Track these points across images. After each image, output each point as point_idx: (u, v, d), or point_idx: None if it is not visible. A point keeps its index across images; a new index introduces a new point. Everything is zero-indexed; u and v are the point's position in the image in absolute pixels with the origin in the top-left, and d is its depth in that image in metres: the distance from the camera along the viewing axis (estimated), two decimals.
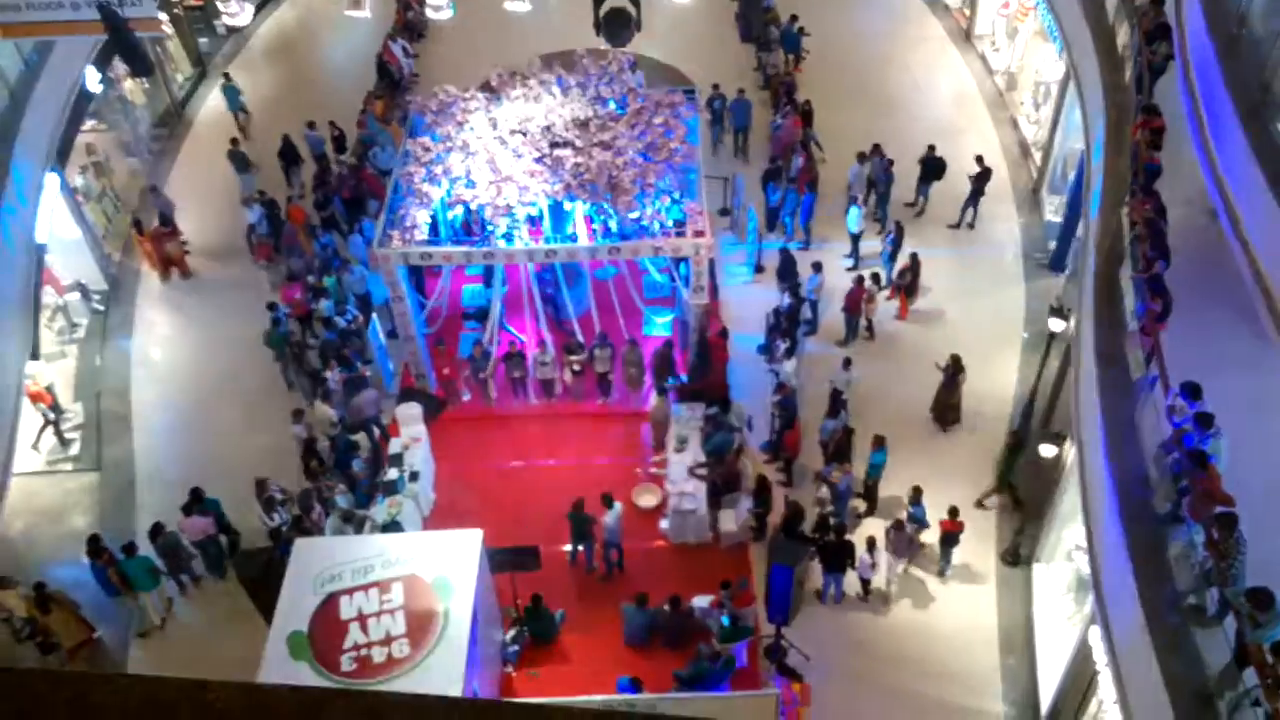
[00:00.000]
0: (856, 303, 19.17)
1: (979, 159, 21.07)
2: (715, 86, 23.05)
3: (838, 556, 15.53)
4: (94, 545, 15.76)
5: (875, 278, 19.48)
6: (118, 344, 20.57)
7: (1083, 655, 12.66)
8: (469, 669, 12.30)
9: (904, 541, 15.63)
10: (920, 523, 15.82)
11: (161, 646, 15.90)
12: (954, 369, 17.54)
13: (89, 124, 22.51)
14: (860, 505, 16.90)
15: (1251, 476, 10.37)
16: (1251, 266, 9.48)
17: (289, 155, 23.13)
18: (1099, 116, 16.47)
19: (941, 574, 16.30)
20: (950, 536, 15.92)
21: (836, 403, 17.46)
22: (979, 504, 16.81)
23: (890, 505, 16.63)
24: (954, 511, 15.79)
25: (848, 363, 17.84)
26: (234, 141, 23.36)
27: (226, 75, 25.36)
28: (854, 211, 20.56)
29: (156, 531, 15.97)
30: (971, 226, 21.72)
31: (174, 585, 16.47)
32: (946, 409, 17.95)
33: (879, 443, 16.50)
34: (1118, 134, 15.37)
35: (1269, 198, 9.10)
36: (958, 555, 16.23)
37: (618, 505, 15.86)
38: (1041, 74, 23.25)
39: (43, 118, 18.40)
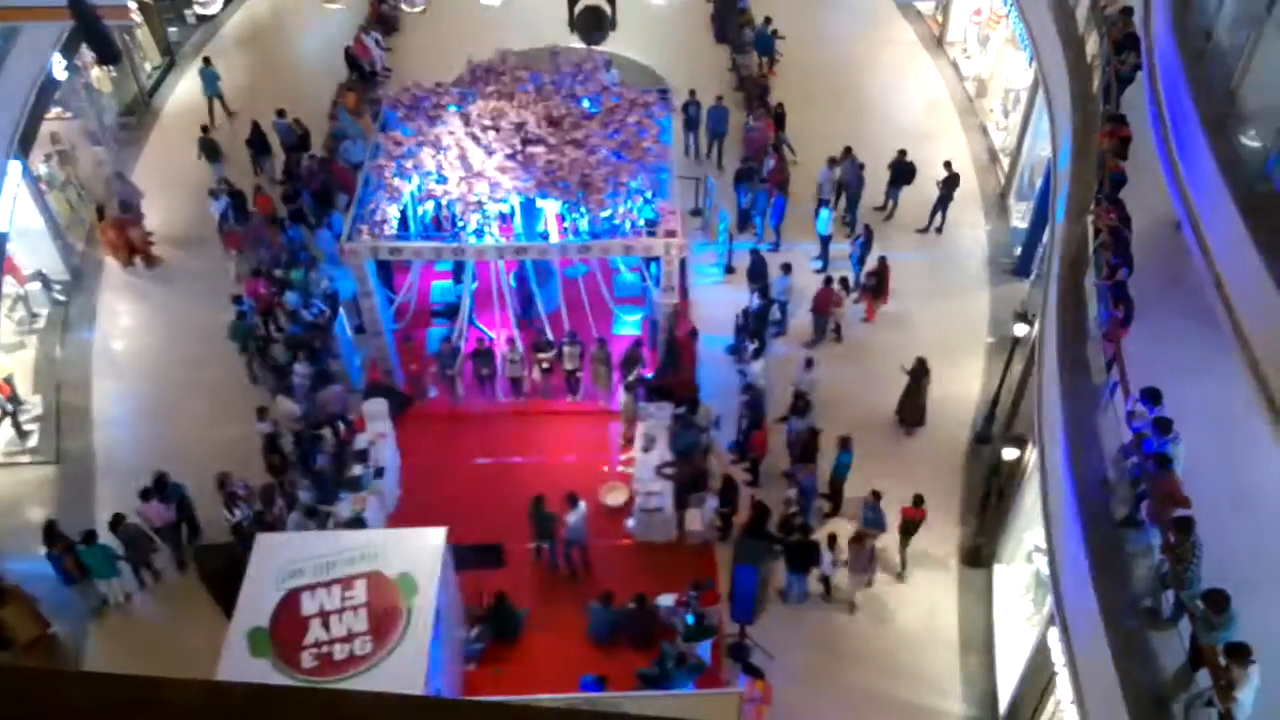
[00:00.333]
0: (825, 304, 19.29)
1: (947, 164, 21.26)
2: (691, 92, 23.02)
3: (802, 557, 15.63)
4: (50, 533, 15.57)
5: (844, 281, 19.60)
6: (79, 335, 20.29)
7: (1041, 656, 12.81)
8: (432, 667, 12.24)
9: (864, 558, 15.61)
10: (876, 526, 15.86)
11: (119, 641, 15.74)
12: (920, 371, 17.66)
13: (54, 111, 22.19)
14: (825, 505, 17.01)
15: (1208, 482, 10.54)
16: (1212, 275, 9.63)
17: (258, 143, 22.91)
18: (1067, 124, 16.67)
19: (902, 565, 16.45)
20: (910, 524, 16.11)
21: (800, 403, 17.53)
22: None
23: (854, 505, 16.73)
24: (918, 499, 15.94)
25: (810, 363, 17.95)
26: (204, 129, 23.12)
27: (206, 59, 25.01)
28: (824, 214, 20.67)
29: (117, 522, 15.81)
30: (939, 231, 21.90)
31: (133, 579, 16.27)
32: (911, 410, 18.08)
33: (845, 443, 16.63)
34: (1085, 142, 15.56)
35: (1231, 207, 9.25)
36: (921, 556, 16.39)
37: (582, 504, 15.85)
38: (1011, 81, 23.49)
39: (7, 104, 18.16)
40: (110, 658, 15.51)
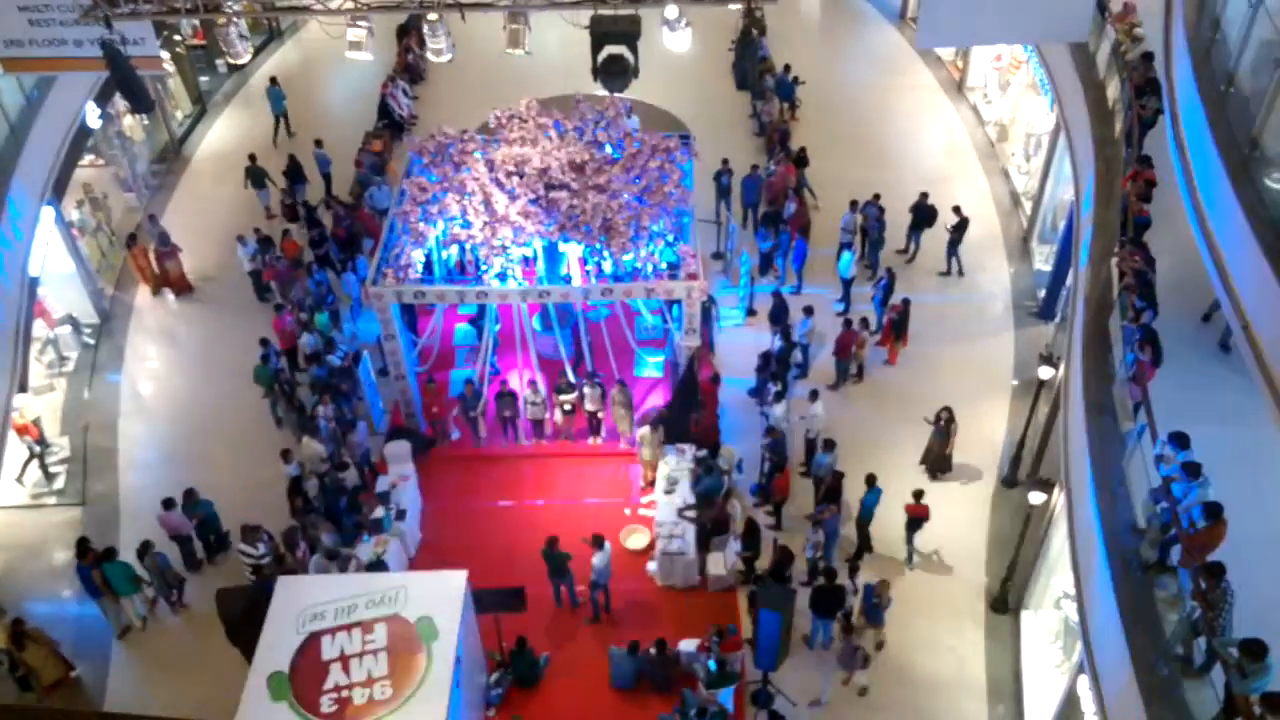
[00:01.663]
0: (847, 346, 19.24)
1: (956, 209, 21.27)
2: (724, 161, 22.72)
3: (830, 602, 15.41)
4: (82, 547, 15.90)
5: (864, 321, 19.57)
6: (107, 378, 20.51)
7: (1070, 704, 12.56)
8: (451, 712, 12.15)
9: (850, 651, 14.91)
10: (875, 619, 15.40)
11: (142, 680, 15.70)
12: (947, 420, 17.54)
13: (87, 159, 22.65)
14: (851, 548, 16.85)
15: (1238, 527, 10.37)
16: (1239, 319, 9.55)
17: (294, 174, 23.58)
18: (1089, 168, 16.68)
19: (908, 560, 16.66)
20: (915, 521, 16.23)
21: (812, 446, 17.67)
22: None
23: (885, 541, 16.62)
24: (918, 494, 16.16)
25: (815, 395, 17.89)
26: (252, 158, 23.74)
27: (273, 79, 26.07)
28: (846, 257, 20.71)
29: (144, 550, 16.04)
30: (961, 274, 21.87)
31: (165, 606, 16.55)
32: (938, 460, 17.94)
33: (870, 482, 16.44)
34: (1107, 186, 15.56)
35: (1256, 251, 9.19)
36: (947, 602, 16.17)
37: (608, 545, 15.76)
38: (1032, 126, 23.55)
39: (41, 151, 18.51)
40: (131, 698, 15.45)
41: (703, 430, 17.98)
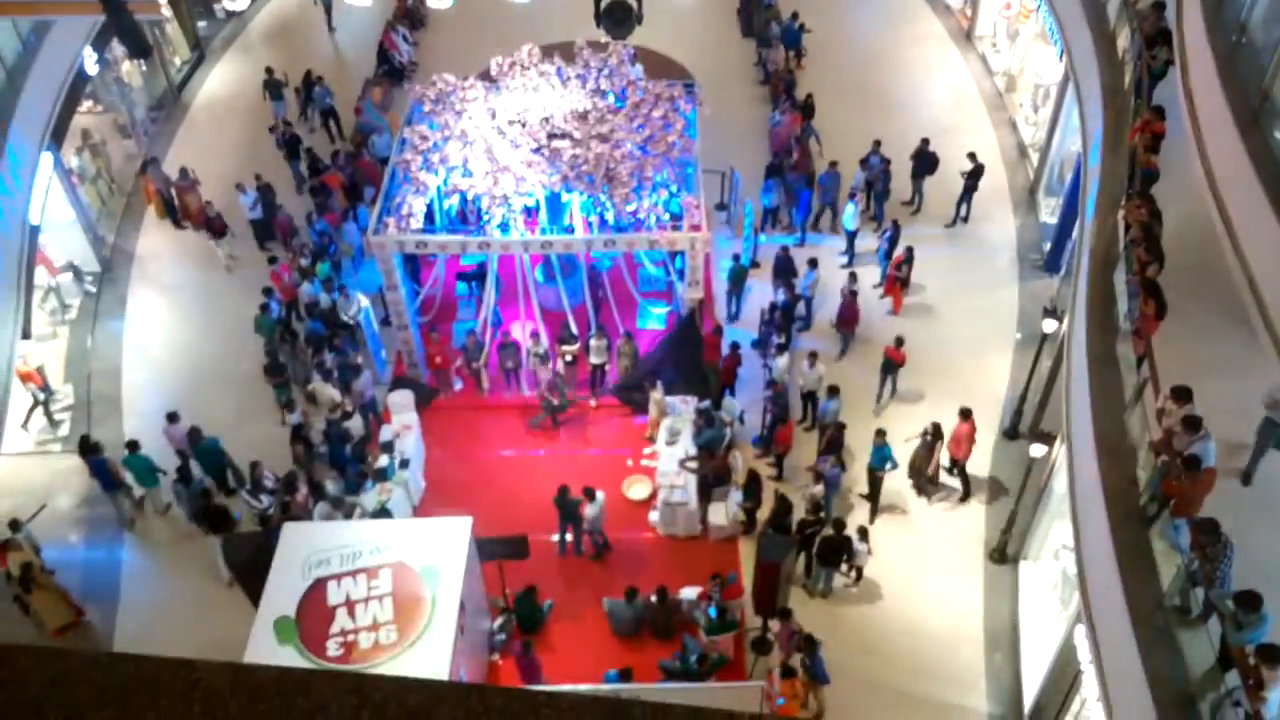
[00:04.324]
0: (853, 318, 19.02)
1: (971, 155, 21.09)
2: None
3: (834, 551, 15.55)
4: (85, 444, 16.57)
5: (852, 276, 19.30)
6: (109, 325, 20.52)
7: (1067, 653, 12.72)
8: (455, 657, 12.32)
9: (787, 635, 14.49)
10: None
11: (151, 622, 15.88)
12: (933, 435, 16.62)
13: (85, 105, 22.45)
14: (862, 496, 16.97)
15: (1239, 481, 10.43)
16: (1244, 272, 9.51)
17: (309, 92, 24.28)
18: (1097, 119, 16.49)
19: (876, 401, 17.58)
20: (890, 364, 17.69)
21: (810, 399, 17.77)
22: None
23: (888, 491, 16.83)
24: (900, 341, 17.31)
25: (814, 358, 17.85)
26: (269, 70, 24.13)
27: (319, 78, 24.59)
28: (850, 209, 20.58)
29: (186, 477, 16.49)
30: (965, 221, 21.74)
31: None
32: (924, 475, 17.02)
33: (880, 436, 16.44)
34: (1115, 137, 15.39)
35: (1265, 205, 9.12)
36: (947, 552, 16.33)
37: (600, 496, 15.90)
38: (1041, 76, 23.27)
39: (39, 98, 18.35)
40: (138, 640, 15.67)
41: (725, 372, 17.99)
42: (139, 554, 16.95)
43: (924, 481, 17.11)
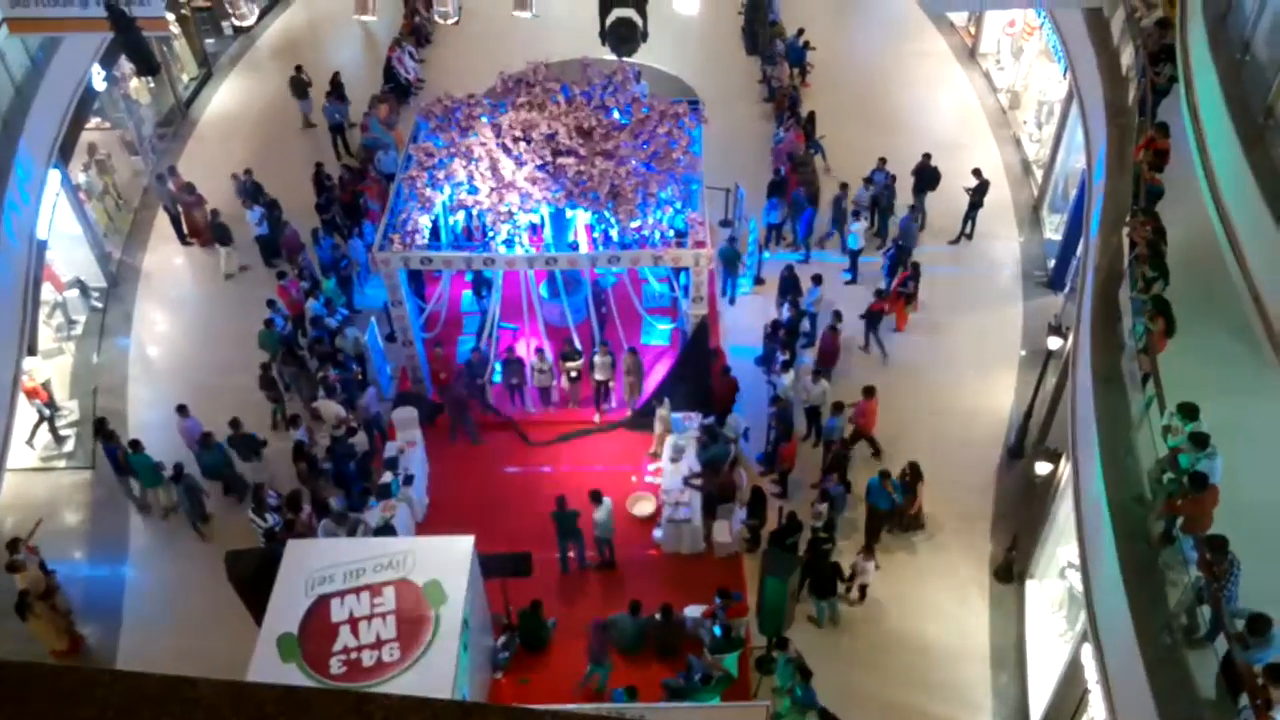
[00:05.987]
0: (834, 355, 18.68)
1: (976, 171, 21.13)
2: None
3: (826, 581, 15.46)
4: (101, 426, 17.38)
5: (837, 315, 18.86)
6: (115, 341, 20.56)
7: (1073, 673, 12.64)
8: (459, 675, 12.26)
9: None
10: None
11: (153, 639, 15.84)
12: (912, 477, 16.27)
13: (93, 121, 22.57)
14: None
15: (1248, 499, 10.37)
16: (1250, 290, 9.49)
17: (338, 91, 24.43)
18: (1101, 136, 16.52)
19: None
20: (874, 315, 18.09)
21: (813, 415, 17.72)
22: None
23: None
24: (880, 293, 18.05)
25: (818, 375, 17.82)
26: (298, 69, 24.58)
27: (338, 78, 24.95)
28: (856, 227, 20.60)
29: (178, 473, 16.75)
30: (970, 237, 21.74)
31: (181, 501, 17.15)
32: (906, 518, 16.70)
33: (885, 479, 16.19)
34: (1120, 154, 15.41)
35: (1269, 222, 9.11)
36: (952, 571, 16.24)
37: (607, 500, 15.87)
38: (1045, 93, 23.33)
39: (47, 114, 18.42)
40: (140, 658, 15.64)
41: (723, 390, 17.95)
42: (142, 571, 16.95)
43: (906, 522, 16.76)
